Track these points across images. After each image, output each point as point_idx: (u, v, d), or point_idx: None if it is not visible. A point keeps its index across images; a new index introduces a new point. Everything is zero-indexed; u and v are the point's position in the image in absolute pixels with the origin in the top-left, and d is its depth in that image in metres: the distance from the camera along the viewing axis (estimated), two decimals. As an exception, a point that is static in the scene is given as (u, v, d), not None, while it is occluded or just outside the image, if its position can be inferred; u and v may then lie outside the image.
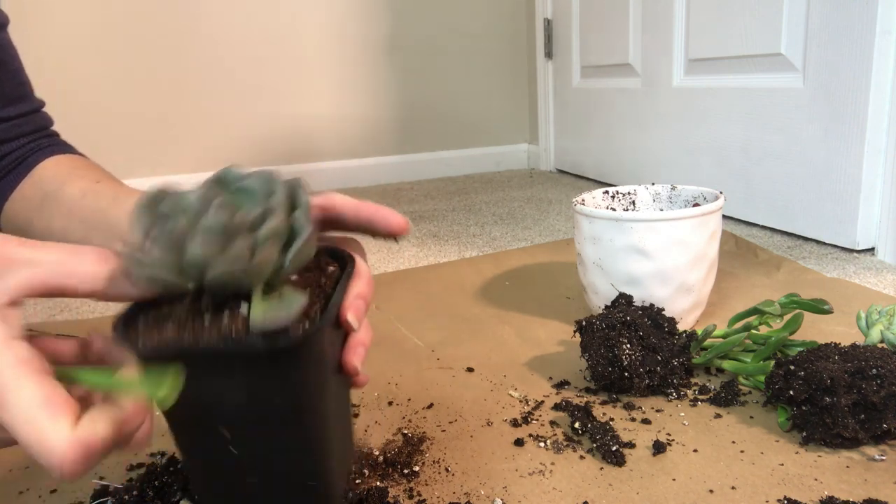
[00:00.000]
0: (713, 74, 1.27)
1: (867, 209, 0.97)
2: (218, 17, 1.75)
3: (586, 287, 0.75)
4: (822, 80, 1.01)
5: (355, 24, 1.88)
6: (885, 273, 0.90)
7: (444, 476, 0.48)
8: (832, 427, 0.48)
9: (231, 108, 1.79)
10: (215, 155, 1.81)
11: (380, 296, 0.90)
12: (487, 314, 0.81)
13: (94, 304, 0.95)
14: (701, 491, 0.45)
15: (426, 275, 1.00)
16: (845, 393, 0.48)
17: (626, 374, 0.56)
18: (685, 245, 0.67)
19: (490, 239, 1.22)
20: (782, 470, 0.47)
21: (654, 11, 1.41)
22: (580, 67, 1.77)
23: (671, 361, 0.58)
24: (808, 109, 1.04)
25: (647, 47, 1.46)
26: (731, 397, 0.56)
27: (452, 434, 0.54)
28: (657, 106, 1.44)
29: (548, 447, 0.51)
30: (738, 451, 0.49)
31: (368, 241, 0.43)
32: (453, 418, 0.56)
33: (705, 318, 0.74)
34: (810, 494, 0.44)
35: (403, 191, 1.82)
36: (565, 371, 0.64)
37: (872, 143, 0.95)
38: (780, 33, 1.07)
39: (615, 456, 0.48)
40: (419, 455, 0.51)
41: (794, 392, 0.50)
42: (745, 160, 1.19)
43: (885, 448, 0.48)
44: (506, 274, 0.97)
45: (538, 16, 1.90)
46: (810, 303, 0.61)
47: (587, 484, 0.46)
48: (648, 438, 0.51)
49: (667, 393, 0.58)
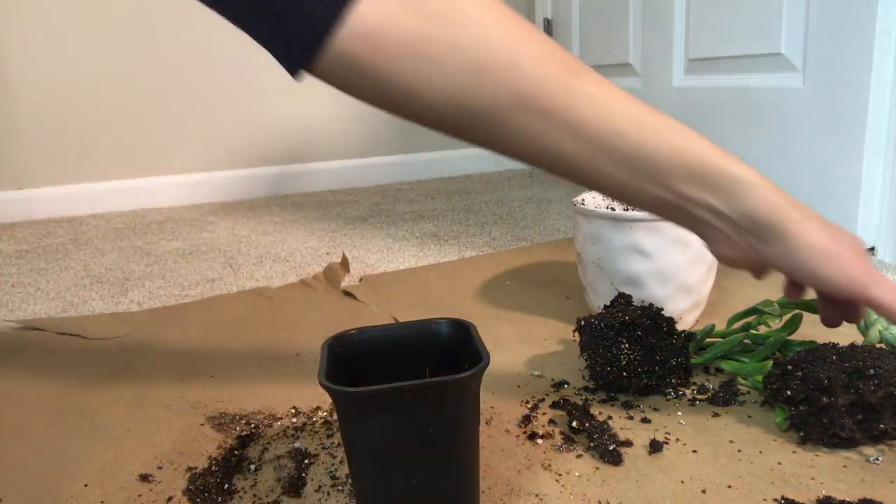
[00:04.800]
0: (713, 74, 1.27)
1: (867, 209, 0.97)
2: (218, 16, 1.75)
3: (586, 287, 0.75)
4: (822, 80, 1.01)
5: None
6: (885, 273, 0.90)
7: (442, 475, 0.48)
8: (829, 427, 0.48)
9: (231, 108, 1.80)
10: (215, 155, 1.81)
11: (380, 296, 0.91)
12: (487, 314, 0.81)
13: (95, 303, 0.96)
14: (698, 490, 0.45)
15: (426, 275, 1.00)
16: (842, 393, 0.48)
17: (625, 373, 0.56)
18: (684, 245, 0.67)
19: (490, 239, 1.22)
20: (780, 469, 0.47)
21: (654, 11, 1.41)
22: (580, 67, 1.77)
23: (670, 361, 0.58)
24: (808, 109, 1.04)
25: (647, 47, 1.46)
26: (730, 397, 0.56)
27: (451, 433, 0.54)
28: (657, 106, 1.43)
29: (546, 446, 0.51)
30: (736, 450, 0.49)
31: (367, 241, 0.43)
32: (452, 417, 0.57)
33: (704, 318, 0.74)
34: (808, 494, 0.44)
35: (403, 191, 1.82)
36: (564, 370, 0.64)
37: (872, 143, 0.95)
38: (780, 33, 1.07)
39: (612, 455, 0.48)
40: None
41: (792, 392, 0.50)
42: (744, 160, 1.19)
43: (883, 448, 0.49)
44: (506, 274, 0.98)
45: (538, 16, 1.90)
46: (809, 303, 0.61)
47: (584, 482, 0.46)
48: (646, 437, 0.51)
49: (665, 392, 0.58)
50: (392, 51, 0.40)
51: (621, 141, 0.42)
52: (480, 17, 0.40)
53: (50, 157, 1.68)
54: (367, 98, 0.43)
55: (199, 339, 0.79)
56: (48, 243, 1.40)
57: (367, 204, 1.66)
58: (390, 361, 0.44)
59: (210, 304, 0.92)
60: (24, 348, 0.78)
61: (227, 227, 1.46)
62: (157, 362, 0.72)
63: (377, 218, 1.46)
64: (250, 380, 0.66)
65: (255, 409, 0.60)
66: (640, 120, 0.42)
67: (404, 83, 0.41)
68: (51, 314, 0.93)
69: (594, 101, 0.41)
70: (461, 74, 0.40)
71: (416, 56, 0.40)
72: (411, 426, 0.37)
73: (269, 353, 0.73)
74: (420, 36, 0.40)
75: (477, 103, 0.41)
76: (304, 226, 1.43)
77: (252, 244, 1.29)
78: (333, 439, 0.54)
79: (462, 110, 0.41)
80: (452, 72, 0.40)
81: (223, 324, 0.83)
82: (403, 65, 0.40)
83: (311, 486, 0.48)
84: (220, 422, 0.58)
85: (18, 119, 1.63)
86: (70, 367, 0.72)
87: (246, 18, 0.43)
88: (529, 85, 0.40)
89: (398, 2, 0.40)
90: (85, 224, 1.60)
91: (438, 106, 0.42)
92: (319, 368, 0.39)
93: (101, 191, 1.73)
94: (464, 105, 0.41)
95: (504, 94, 0.40)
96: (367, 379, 0.42)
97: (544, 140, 0.42)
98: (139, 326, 0.84)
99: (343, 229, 1.36)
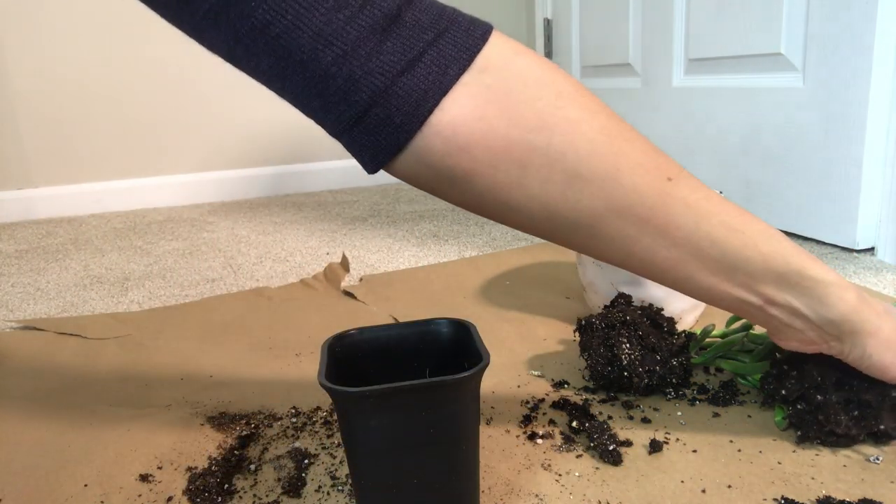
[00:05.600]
0: (713, 74, 1.27)
1: (867, 209, 0.97)
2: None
3: (586, 287, 0.75)
4: (822, 80, 1.01)
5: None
6: (884, 273, 0.90)
7: (442, 475, 0.48)
8: (825, 424, 0.48)
9: (231, 108, 1.80)
10: (216, 155, 1.81)
11: (380, 296, 0.91)
12: (487, 314, 0.81)
13: (95, 303, 0.96)
14: (698, 490, 0.45)
15: (426, 275, 1.00)
16: (836, 390, 0.48)
17: (626, 373, 0.56)
18: (684, 245, 0.67)
19: (490, 239, 1.22)
20: (780, 469, 0.47)
21: (654, 11, 1.41)
22: (580, 67, 1.77)
23: (670, 361, 0.58)
24: (808, 109, 1.04)
25: (647, 47, 1.46)
26: (730, 397, 0.56)
27: (451, 433, 0.54)
28: (657, 106, 1.44)
29: (546, 446, 0.51)
30: (736, 449, 0.49)
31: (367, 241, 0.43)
32: (452, 417, 0.57)
33: (704, 318, 0.74)
34: (807, 494, 0.44)
35: (403, 191, 1.82)
36: (564, 370, 0.64)
37: (872, 143, 0.95)
38: (780, 33, 1.07)
39: (612, 455, 0.48)
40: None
41: (787, 391, 0.50)
42: (745, 160, 1.19)
43: (883, 448, 0.49)
44: (506, 274, 0.98)
45: (538, 16, 1.90)
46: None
47: (584, 482, 0.46)
48: (646, 437, 0.51)
49: (665, 392, 0.58)
50: (482, 157, 0.38)
51: (712, 247, 0.41)
52: (580, 121, 0.38)
53: (50, 157, 1.68)
54: (456, 201, 0.41)
55: (199, 339, 0.79)
56: (48, 243, 1.40)
57: (367, 204, 1.66)
58: (390, 361, 0.44)
59: (210, 304, 0.92)
60: (24, 348, 0.78)
61: (227, 227, 1.46)
62: (157, 362, 0.72)
63: (377, 218, 1.46)
64: (250, 380, 0.66)
65: (255, 409, 0.60)
66: (729, 224, 0.42)
67: (492, 190, 0.39)
68: (51, 314, 0.93)
69: (688, 206, 0.41)
70: (558, 184, 0.38)
71: (508, 162, 0.38)
72: (411, 426, 0.37)
73: (269, 353, 0.73)
74: (513, 142, 0.37)
75: (572, 213, 0.39)
76: (304, 226, 1.43)
77: (252, 244, 1.29)
78: (333, 439, 0.54)
79: (556, 218, 0.40)
80: (549, 181, 0.38)
81: (223, 324, 0.83)
82: (492, 171, 0.38)
83: (311, 486, 0.48)
84: (220, 422, 0.58)
85: (19, 119, 1.63)
86: (70, 367, 0.72)
87: (330, 126, 0.40)
88: (628, 195, 0.39)
89: (488, 99, 0.37)
90: (85, 224, 1.60)
91: (531, 213, 0.40)
92: (319, 368, 0.39)
93: (101, 191, 1.73)
94: (558, 213, 0.40)
95: (601, 205, 0.39)
96: (367, 379, 0.42)
97: (636, 246, 0.41)
98: (139, 326, 0.84)
99: (343, 229, 1.36)
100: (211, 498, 0.47)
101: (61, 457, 0.53)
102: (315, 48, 0.36)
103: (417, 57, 0.36)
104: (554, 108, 0.38)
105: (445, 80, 0.37)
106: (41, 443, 0.56)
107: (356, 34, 0.36)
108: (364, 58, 0.36)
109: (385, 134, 0.38)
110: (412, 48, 0.36)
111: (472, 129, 0.37)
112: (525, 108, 0.37)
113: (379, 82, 0.36)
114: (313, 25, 0.35)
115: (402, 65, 0.36)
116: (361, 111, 0.37)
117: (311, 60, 0.36)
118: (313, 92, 0.37)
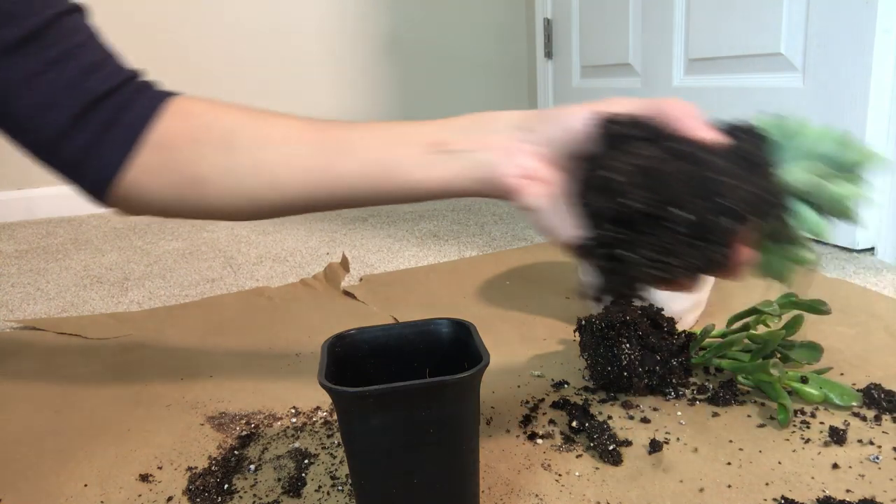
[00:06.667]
0: (713, 74, 1.27)
1: (867, 209, 0.97)
2: (217, 16, 1.75)
3: (586, 287, 0.75)
4: (822, 80, 1.01)
5: (355, 23, 1.88)
6: (885, 273, 0.90)
7: (442, 475, 0.48)
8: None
9: (232, 107, 1.79)
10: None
11: (380, 296, 0.91)
12: (487, 314, 0.81)
13: (95, 303, 0.96)
14: (697, 490, 0.45)
15: (426, 275, 1.00)
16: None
17: (625, 373, 0.56)
18: (684, 245, 0.67)
19: (490, 239, 1.22)
20: (780, 469, 0.47)
21: (654, 11, 1.41)
22: (580, 67, 1.77)
23: (670, 361, 0.58)
24: (808, 109, 1.04)
25: (647, 47, 1.46)
26: (730, 397, 0.56)
27: (451, 433, 0.54)
28: (657, 106, 1.44)
29: (546, 446, 0.51)
30: (736, 449, 0.49)
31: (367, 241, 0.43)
32: (452, 417, 0.57)
33: (704, 318, 0.74)
34: (807, 493, 0.44)
35: (404, 190, 1.82)
36: (564, 370, 0.64)
37: (872, 143, 0.95)
38: (780, 33, 1.07)
39: (612, 455, 0.48)
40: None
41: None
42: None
43: (881, 447, 0.49)
44: (506, 274, 0.98)
45: (538, 16, 1.90)
46: (809, 303, 0.61)
47: (584, 482, 0.46)
48: (646, 437, 0.51)
49: (665, 392, 0.58)
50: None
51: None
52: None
53: (50, 157, 1.68)
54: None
55: (199, 339, 0.79)
56: (48, 243, 1.40)
57: (367, 204, 1.65)
58: (390, 361, 0.44)
59: (210, 304, 0.92)
60: (24, 348, 0.78)
61: (227, 227, 1.46)
62: (157, 362, 0.72)
63: (377, 218, 1.46)
64: (250, 380, 0.66)
65: (255, 409, 0.60)
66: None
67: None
68: (51, 314, 0.93)
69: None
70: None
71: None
72: (411, 426, 0.37)
73: (269, 353, 0.73)
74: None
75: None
76: (303, 226, 1.43)
77: (252, 244, 1.29)
78: (333, 439, 0.54)
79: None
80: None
81: (223, 324, 0.83)
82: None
83: (311, 486, 0.48)
84: (220, 422, 0.58)
85: (18, 119, 1.63)
86: (70, 367, 0.72)
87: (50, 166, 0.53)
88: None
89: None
90: (85, 224, 1.60)
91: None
92: (319, 368, 0.39)
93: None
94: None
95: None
96: (367, 379, 0.42)
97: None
98: (139, 326, 0.84)
99: (343, 229, 1.36)
100: (211, 498, 0.47)
101: (61, 457, 0.53)
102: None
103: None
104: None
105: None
106: (41, 443, 0.56)
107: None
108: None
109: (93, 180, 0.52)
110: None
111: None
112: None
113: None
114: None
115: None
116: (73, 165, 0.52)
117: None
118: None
